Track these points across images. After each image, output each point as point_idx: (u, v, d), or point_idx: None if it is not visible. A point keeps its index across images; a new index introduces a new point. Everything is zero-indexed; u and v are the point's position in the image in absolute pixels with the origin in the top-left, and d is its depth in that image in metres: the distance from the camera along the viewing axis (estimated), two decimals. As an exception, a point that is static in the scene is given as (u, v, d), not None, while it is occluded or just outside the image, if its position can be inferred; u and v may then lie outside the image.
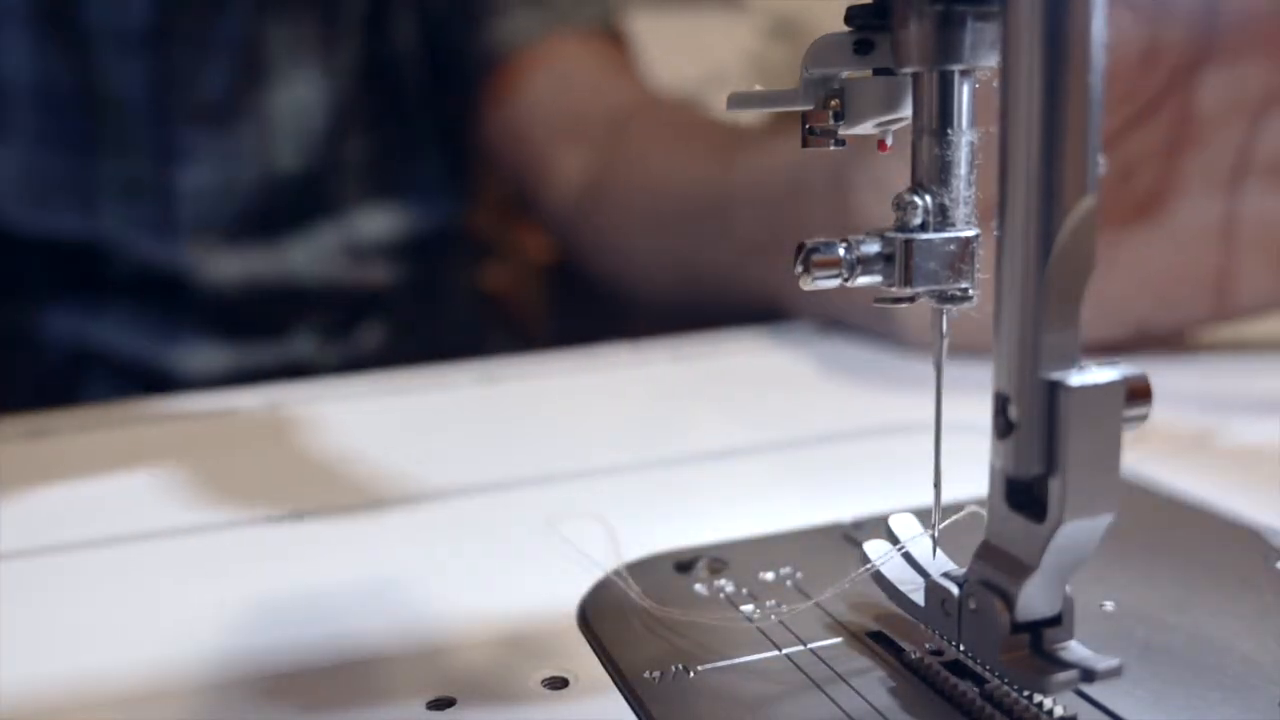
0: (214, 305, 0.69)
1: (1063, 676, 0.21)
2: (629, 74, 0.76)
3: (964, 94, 0.23)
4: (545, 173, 0.74)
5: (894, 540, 0.25)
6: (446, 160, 0.79)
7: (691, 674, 0.25)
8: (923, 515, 0.26)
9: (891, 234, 0.23)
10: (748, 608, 0.27)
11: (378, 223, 0.75)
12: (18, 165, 0.66)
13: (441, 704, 0.24)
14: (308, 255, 0.72)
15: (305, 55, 0.71)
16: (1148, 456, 0.35)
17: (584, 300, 0.78)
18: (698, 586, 0.29)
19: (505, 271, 1.18)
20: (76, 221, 0.67)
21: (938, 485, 0.25)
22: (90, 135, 0.67)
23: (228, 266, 0.69)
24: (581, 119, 0.73)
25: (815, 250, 0.23)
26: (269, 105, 0.70)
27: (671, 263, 0.64)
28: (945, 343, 0.24)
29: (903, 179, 0.24)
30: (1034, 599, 0.21)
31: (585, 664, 0.26)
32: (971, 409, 0.27)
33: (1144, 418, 0.21)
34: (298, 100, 0.71)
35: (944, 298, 0.24)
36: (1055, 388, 0.20)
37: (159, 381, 0.68)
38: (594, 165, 0.71)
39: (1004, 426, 0.21)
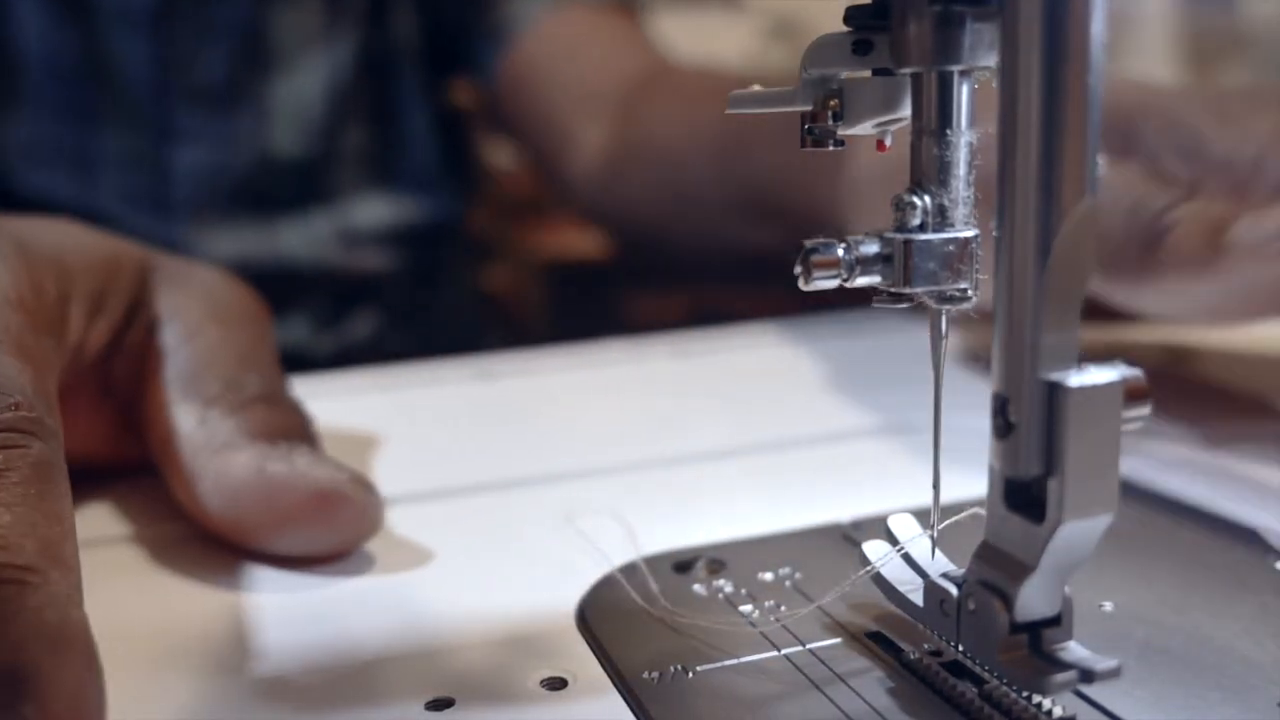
0: None
1: (1061, 677, 0.21)
2: (640, 43, 0.76)
3: (963, 94, 0.23)
4: (564, 145, 0.74)
5: (893, 541, 0.25)
6: (445, 149, 0.79)
7: (690, 674, 0.25)
8: (922, 516, 0.26)
9: (890, 234, 0.23)
10: (746, 608, 0.27)
11: (374, 210, 0.75)
12: (24, 130, 0.67)
13: (440, 704, 0.24)
14: (302, 239, 0.72)
15: (309, 38, 0.71)
16: (1147, 457, 0.35)
17: (580, 294, 0.78)
18: (696, 587, 0.29)
19: (501, 264, 1.18)
20: (73, 193, 0.68)
21: (936, 486, 0.25)
22: (92, 108, 0.68)
23: (221, 247, 0.69)
24: (596, 89, 0.73)
25: (814, 251, 0.23)
26: (271, 87, 0.70)
27: (709, 214, 0.65)
28: (945, 343, 0.24)
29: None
30: (1033, 599, 0.21)
31: (584, 664, 0.26)
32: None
33: (1143, 418, 0.21)
34: (299, 83, 0.71)
35: (943, 298, 0.24)
36: (1054, 388, 0.20)
37: None
38: (614, 135, 0.71)
39: (1003, 427, 0.21)
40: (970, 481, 0.26)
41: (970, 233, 0.23)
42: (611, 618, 0.27)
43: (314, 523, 0.30)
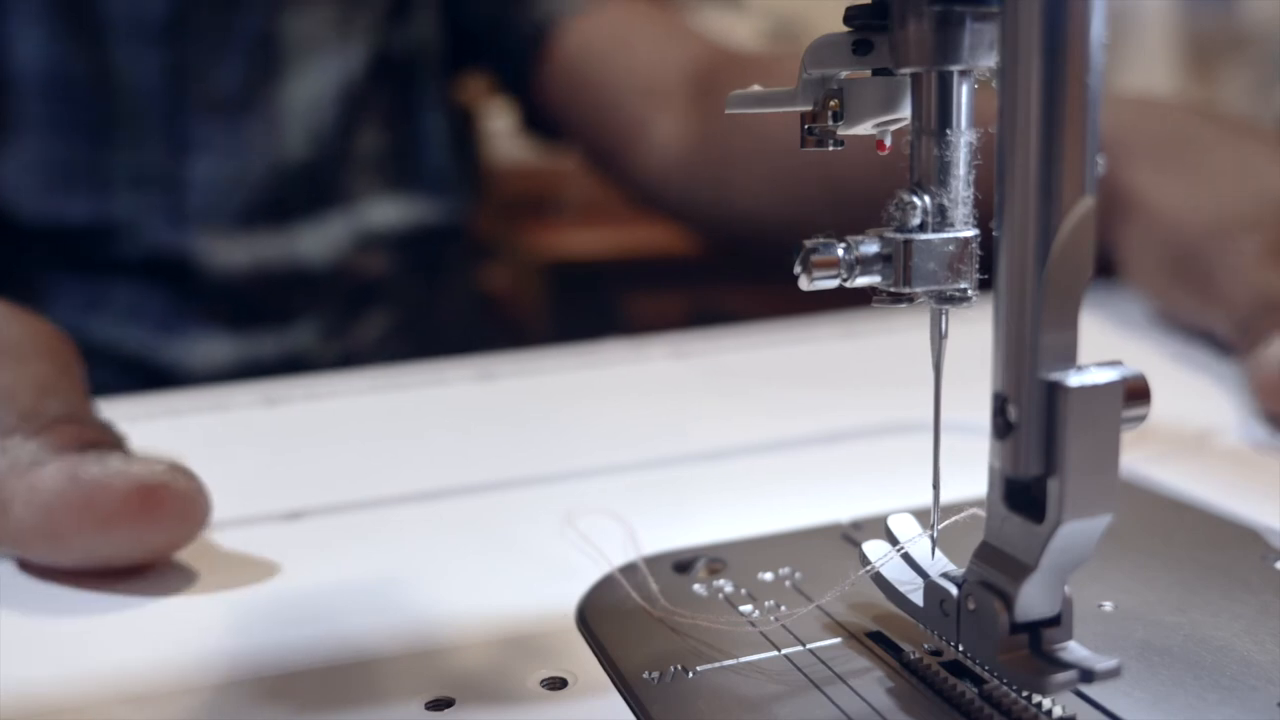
0: (222, 292, 0.69)
1: (1061, 677, 0.21)
2: (689, 30, 0.75)
3: (963, 94, 0.23)
4: (632, 138, 0.72)
5: (893, 541, 0.25)
6: (458, 149, 0.79)
7: (690, 674, 0.25)
8: (922, 516, 0.26)
9: (890, 234, 0.23)
10: (746, 608, 0.27)
11: (388, 211, 0.75)
12: (31, 152, 0.67)
13: (440, 704, 0.24)
14: (317, 243, 0.72)
15: (321, 41, 0.71)
16: (1147, 457, 0.35)
17: (580, 294, 0.78)
18: (696, 587, 0.29)
19: (501, 264, 1.18)
20: (89, 211, 0.67)
21: (936, 486, 0.25)
22: (103, 125, 0.67)
23: (237, 254, 0.69)
24: (660, 78, 0.72)
25: (814, 250, 0.23)
26: (284, 92, 0.70)
27: (814, 210, 0.64)
28: (944, 343, 0.24)
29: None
30: (1033, 599, 0.21)
31: (584, 664, 0.26)
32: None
33: (1142, 418, 0.21)
34: (312, 87, 0.70)
35: (943, 298, 0.24)
36: (1054, 388, 0.20)
37: (163, 368, 0.68)
38: (696, 125, 0.70)
39: (1003, 427, 0.21)
40: (970, 481, 0.26)
41: (970, 233, 0.23)
42: (611, 618, 0.27)
43: (138, 520, 0.29)
